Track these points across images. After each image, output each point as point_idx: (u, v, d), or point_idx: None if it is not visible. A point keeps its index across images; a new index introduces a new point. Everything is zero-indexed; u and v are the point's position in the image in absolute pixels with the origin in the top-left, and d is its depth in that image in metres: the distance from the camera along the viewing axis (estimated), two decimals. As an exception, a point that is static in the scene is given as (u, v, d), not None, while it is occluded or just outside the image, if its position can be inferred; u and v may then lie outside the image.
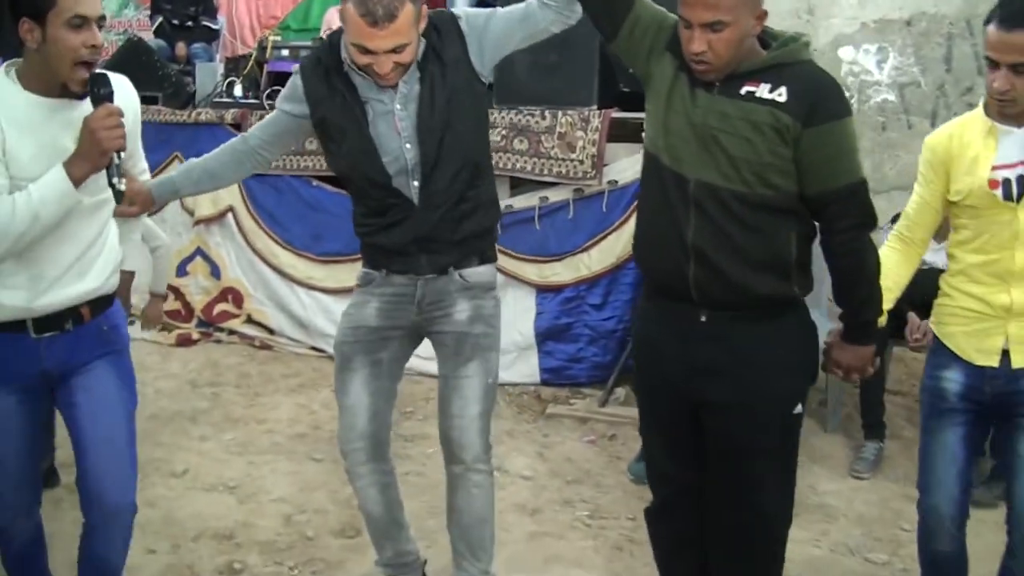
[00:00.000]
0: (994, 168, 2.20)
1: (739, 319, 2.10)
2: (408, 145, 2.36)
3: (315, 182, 5.03)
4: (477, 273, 2.49)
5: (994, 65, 2.13)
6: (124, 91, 2.18)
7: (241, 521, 3.27)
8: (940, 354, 2.37)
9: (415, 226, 2.42)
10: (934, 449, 2.39)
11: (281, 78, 4.95)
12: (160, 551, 3.04)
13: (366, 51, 2.23)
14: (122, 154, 2.06)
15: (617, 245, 4.41)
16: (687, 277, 2.08)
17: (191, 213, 5.31)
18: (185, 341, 5.20)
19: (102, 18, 2.06)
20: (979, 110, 2.28)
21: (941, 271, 3.84)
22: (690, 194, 2.04)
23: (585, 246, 4.49)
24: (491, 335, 2.52)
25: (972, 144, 2.24)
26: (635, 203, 4.34)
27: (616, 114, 4.46)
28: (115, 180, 2.06)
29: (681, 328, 2.14)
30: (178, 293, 5.33)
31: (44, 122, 2.08)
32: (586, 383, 4.48)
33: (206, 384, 4.67)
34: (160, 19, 7.38)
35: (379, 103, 2.37)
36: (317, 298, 5.03)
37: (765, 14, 2.02)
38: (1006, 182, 2.18)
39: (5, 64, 2.12)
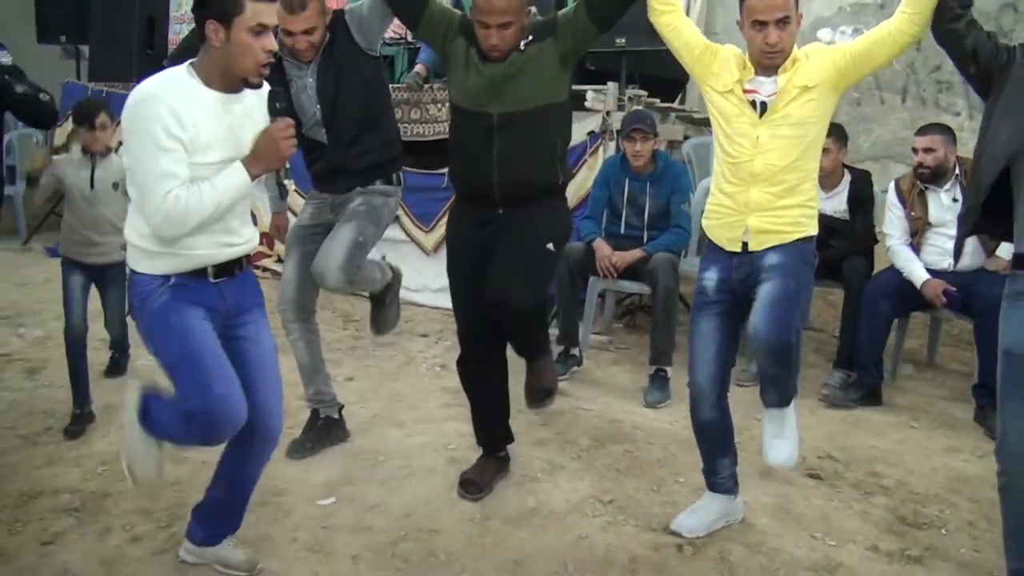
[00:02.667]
0: (745, 90, 2.70)
1: (525, 206, 2.94)
2: (318, 106, 3.29)
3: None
4: (376, 188, 3.40)
5: (762, 24, 2.62)
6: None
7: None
8: (705, 259, 2.94)
9: (328, 160, 3.37)
10: (697, 336, 2.86)
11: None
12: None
13: (289, 33, 3.16)
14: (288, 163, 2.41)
15: (568, 192, 5.17)
16: (491, 183, 2.93)
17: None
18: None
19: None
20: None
21: (828, 216, 4.63)
22: (494, 123, 2.88)
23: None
24: (371, 212, 3.34)
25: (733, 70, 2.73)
26: (582, 159, 5.23)
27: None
28: (284, 181, 2.53)
29: (484, 221, 2.98)
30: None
31: (222, 114, 2.30)
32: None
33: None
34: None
35: (299, 79, 3.29)
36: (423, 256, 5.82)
37: None
38: (752, 102, 2.71)
39: (186, 64, 2.31)
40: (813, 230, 2.77)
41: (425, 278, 5.70)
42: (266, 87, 2.39)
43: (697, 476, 3.06)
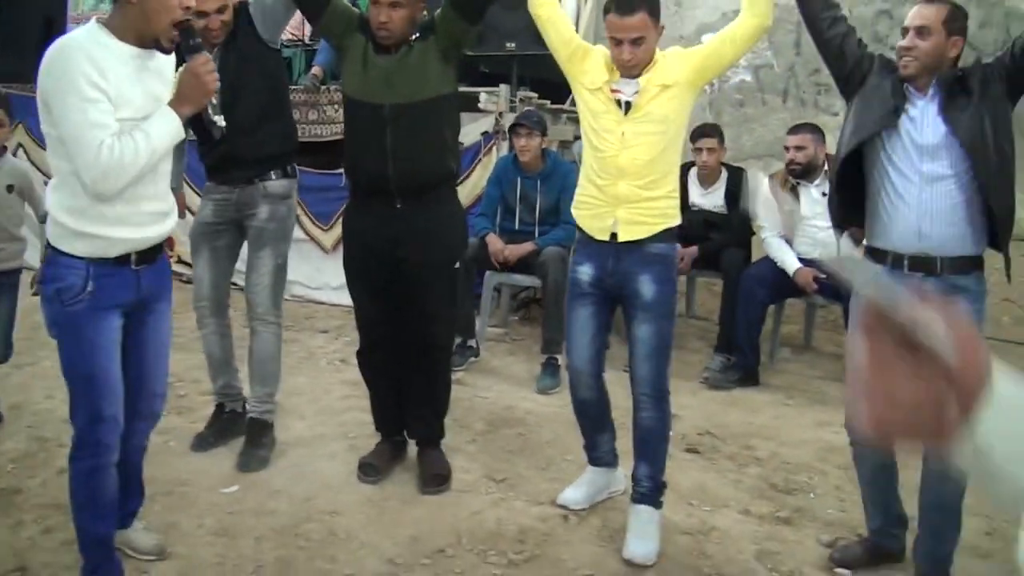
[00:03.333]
0: (612, 90, 2.86)
1: (419, 201, 3.09)
2: (217, 92, 3.38)
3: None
4: (275, 185, 3.47)
5: (618, 42, 2.81)
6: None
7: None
8: (578, 252, 3.09)
9: (224, 148, 3.33)
10: (573, 323, 3.02)
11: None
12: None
13: (201, 14, 3.19)
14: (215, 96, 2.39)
15: (462, 193, 5.35)
16: (387, 173, 3.06)
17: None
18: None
19: None
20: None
21: (707, 211, 4.90)
22: (386, 114, 3.03)
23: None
24: (280, 230, 3.47)
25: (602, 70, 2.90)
26: (477, 159, 5.40)
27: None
28: (216, 117, 2.47)
29: (382, 213, 3.12)
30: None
31: (139, 70, 2.27)
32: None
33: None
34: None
35: None
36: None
37: None
38: (618, 101, 2.88)
39: (96, 19, 2.27)
40: (677, 220, 2.97)
41: (325, 276, 5.79)
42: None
43: (583, 454, 3.25)
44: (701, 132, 4.94)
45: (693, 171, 5.02)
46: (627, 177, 2.87)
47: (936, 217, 2.59)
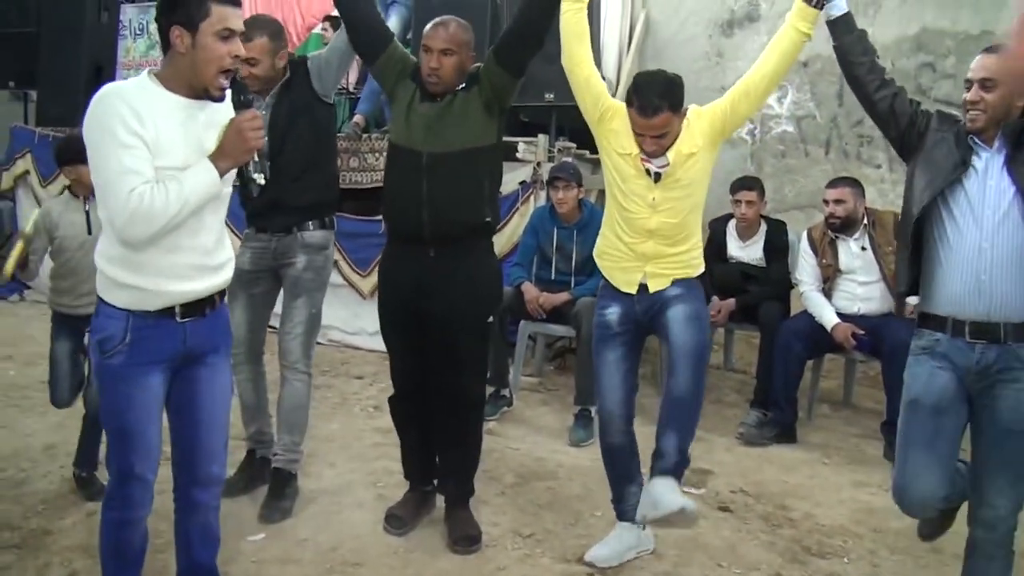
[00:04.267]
0: (642, 160, 2.91)
1: (452, 250, 3.09)
2: (266, 139, 3.41)
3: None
4: (312, 235, 3.50)
5: (641, 135, 2.85)
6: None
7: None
8: (603, 296, 3.12)
9: (267, 194, 3.26)
10: (603, 366, 3.04)
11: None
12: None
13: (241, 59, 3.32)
14: (260, 153, 2.37)
15: (499, 242, 5.38)
16: (422, 220, 3.07)
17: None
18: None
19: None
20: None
21: (745, 264, 4.87)
22: (423, 162, 3.05)
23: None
24: (316, 280, 3.50)
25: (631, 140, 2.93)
26: (514, 208, 5.43)
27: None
28: (255, 175, 2.43)
29: (416, 261, 3.11)
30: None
31: (187, 120, 2.26)
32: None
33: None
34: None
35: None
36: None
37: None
38: (647, 171, 2.91)
39: (148, 71, 2.29)
40: (701, 268, 3.04)
41: (362, 322, 5.83)
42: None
43: (611, 510, 3.20)
44: (741, 184, 4.92)
45: (732, 223, 5.00)
46: (656, 238, 2.94)
47: (998, 275, 2.48)
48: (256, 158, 2.40)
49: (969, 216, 2.53)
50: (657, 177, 2.90)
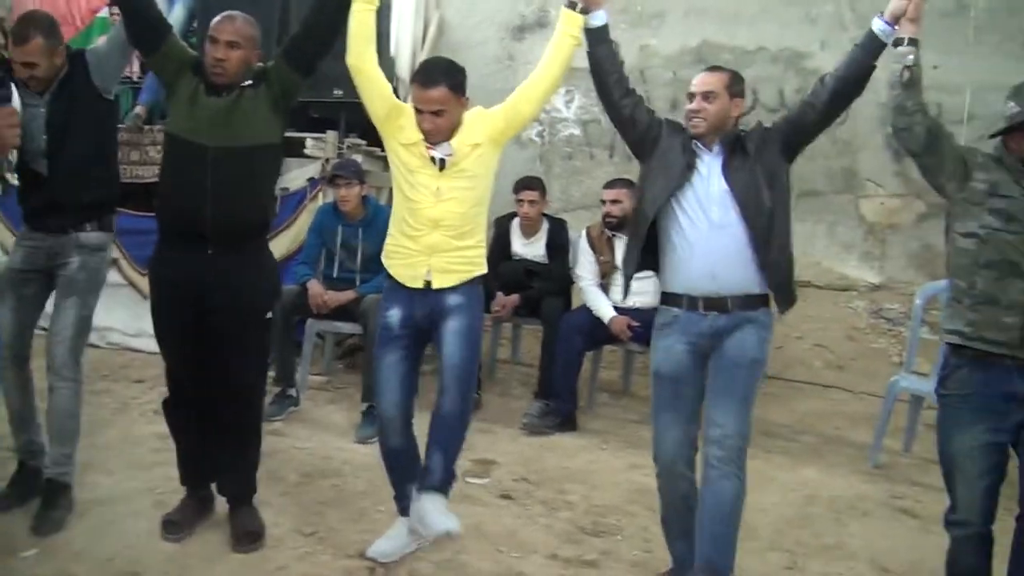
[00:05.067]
0: (426, 147, 2.96)
1: (232, 248, 3.05)
2: (44, 136, 3.23)
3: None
4: (89, 236, 3.34)
5: (420, 112, 2.92)
6: None
7: None
8: (386, 298, 3.15)
9: (45, 192, 3.27)
10: (382, 369, 3.07)
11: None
12: None
13: (19, 64, 3.16)
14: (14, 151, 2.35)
15: (286, 240, 5.33)
16: (204, 215, 2.99)
17: None
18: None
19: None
20: None
21: (529, 261, 5.02)
22: (208, 156, 2.99)
23: (262, 240, 5.40)
24: (90, 281, 3.34)
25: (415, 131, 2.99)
26: (302, 205, 5.38)
27: (287, 133, 5.41)
28: (7, 174, 2.34)
29: (193, 259, 3.05)
30: None
31: None
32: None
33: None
34: None
35: (32, 107, 3.23)
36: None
37: None
38: (432, 159, 2.97)
39: None
40: (484, 268, 3.12)
41: (143, 323, 5.54)
42: None
43: (394, 504, 3.25)
44: (523, 184, 5.09)
45: (515, 221, 5.16)
46: (441, 228, 3.00)
47: (725, 261, 2.81)
48: (11, 157, 2.25)
49: (699, 211, 2.84)
50: (442, 164, 2.97)
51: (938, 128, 2.79)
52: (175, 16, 5.79)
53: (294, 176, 5.43)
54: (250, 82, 3.06)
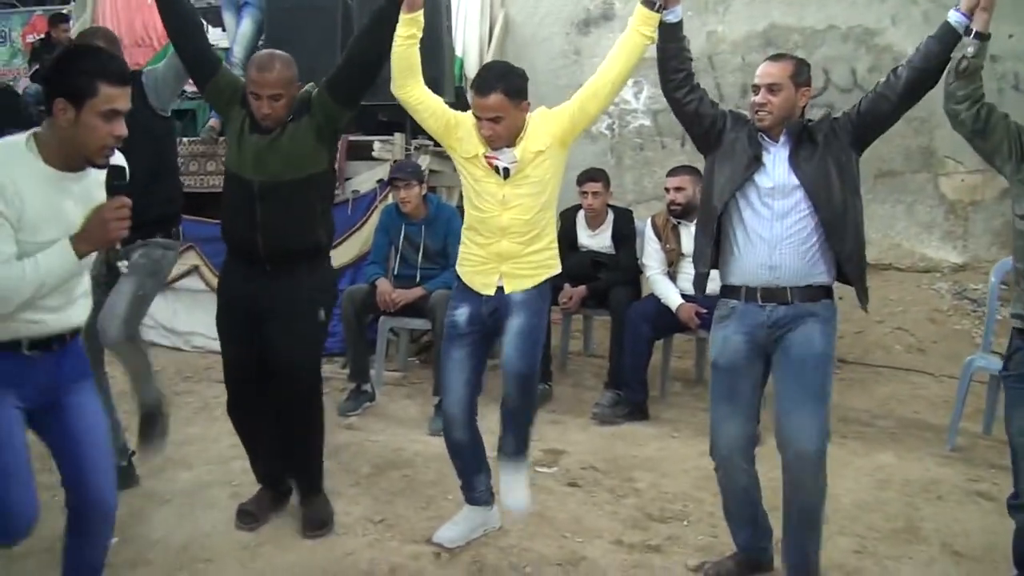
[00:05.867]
0: (487, 158, 3.02)
1: (287, 267, 3.18)
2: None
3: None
4: (156, 242, 3.53)
5: (479, 119, 2.96)
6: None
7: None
8: (455, 296, 3.22)
9: None
10: (448, 366, 3.14)
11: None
12: None
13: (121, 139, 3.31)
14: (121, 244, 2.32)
15: (358, 241, 5.47)
16: (257, 243, 3.14)
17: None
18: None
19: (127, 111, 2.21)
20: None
21: (595, 252, 5.05)
22: (255, 191, 3.12)
23: (336, 243, 5.53)
24: (149, 265, 3.50)
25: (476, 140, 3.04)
26: (373, 206, 5.50)
27: (353, 137, 5.56)
28: (119, 264, 2.38)
29: (251, 272, 3.20)
30: None
31: (56, 193, 2.20)
32: (338, 352, 5.48)
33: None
34: (37, 66, 8.40)
35: None
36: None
37: None
38: (496, 168, 3.02)
39: (27, 135, 2.22)
40: (557, 269, 3.18)
41: (225, 327, 5.79)
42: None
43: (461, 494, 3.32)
44: (587, 176, 5.10)
45: (580, 214, 5.18)
46: (509, 235, 3.04)
47: (786, 251, 2.79)
48: (118, 246, 2.31)
49: (759, 203, 2.82)
50: (506, 174, 3.00)
51: (989, 114, 2.74)
52: (243, 31, 5.99)
53: (364, 179, 5.57)
54: (291, 117, 3.13)
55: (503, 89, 2.90)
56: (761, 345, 2.86)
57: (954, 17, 2.70)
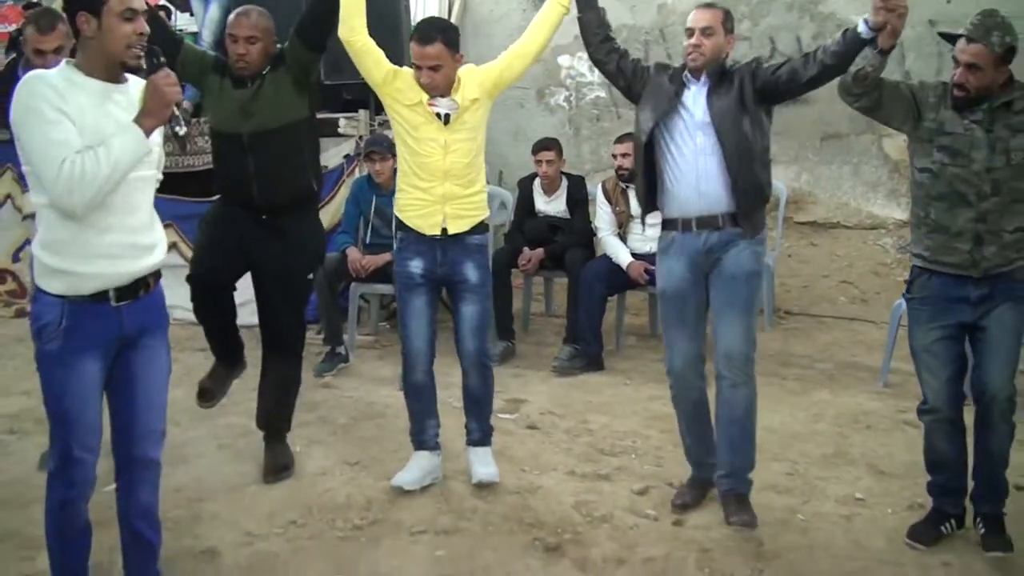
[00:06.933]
0: (430, 104, 3.29)
1: (284, 216, 3.49)
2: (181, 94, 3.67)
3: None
4: None
5: (418, 67, 3.24)
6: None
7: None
8: (404, 249, 3.41)
9: None
10: (408, 312, 3.44)
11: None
12: None
13: (39, 52, 3.45)
14: (179, 106, 2.37)
15: (327, 214, 5.73)
16: (252, 193, 3.44)
17: (20, 210, 6.53)
18: (22, 313, 6.43)
19: (145, 11, 2.35)
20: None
21: (551, 217, 5.37)
22: (244, 142, 3.42)
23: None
24: None
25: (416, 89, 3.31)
26: (340, 181, 5.79)
27: (320, 115, 5.82)
28: (177, 128, 2.38)
29: (245, 217, 3.50)
30: (13, 275, 6.66)
31: (106, 102, 2.34)
32: (312, 320, 5.74)
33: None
34: (14, 55, 8.57)
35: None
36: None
37: None
38: (438, 115, 3.30)
39: (65, 61, 2.38)
40: (487, 212, 3.52)
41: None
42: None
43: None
44: (540, 146, 5.42)
45: (536, 181, 5.50)
46: (451, 178, 3.35)
47: (710, 180, 3.12)
48: (176, 112, 2.40)
49: (686, 137, 3.15)
50: (447, 119, 3.30)
51: (881, 91, 2.97)
52: (211, 16, 6.22)
53: (331, 154, 5.84)
54: (269, 67, 3.45)
55: (443, 40, 3.22)
56: (701, 270, 3.19)
57: (862, 28, 2.89)
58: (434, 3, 7.60)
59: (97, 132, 2.28)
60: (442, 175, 3.35)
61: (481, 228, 3.46)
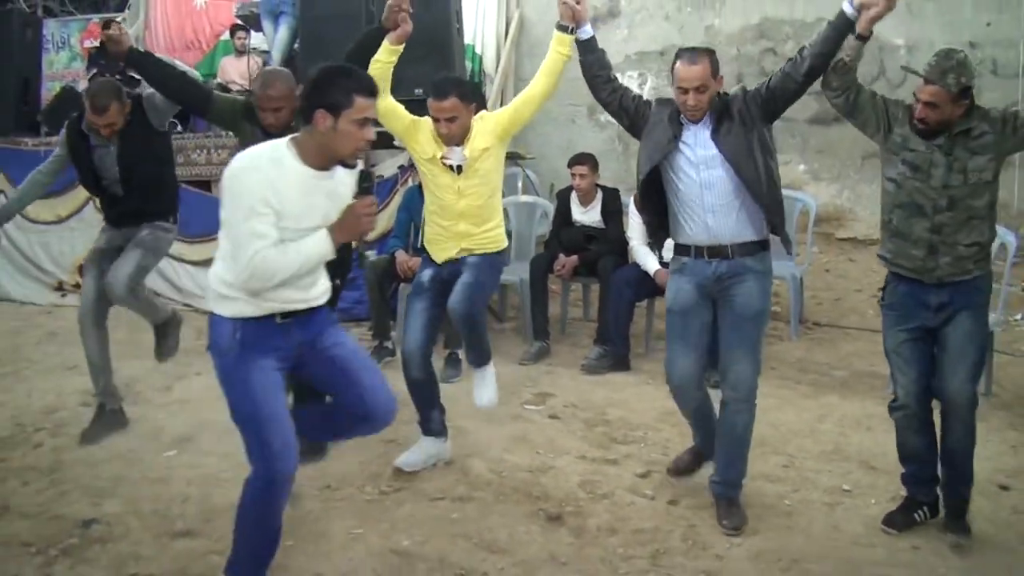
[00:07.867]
0: (442, 159, 3.72)
1: None
2: (117, 168, 4.20)
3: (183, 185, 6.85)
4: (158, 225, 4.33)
5: (436, 120, 3.61)
6: None
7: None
8: (422, 264, 3.94)
9: (123, 208, 4.30)
10: (410, 314, 3.83)
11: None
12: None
13: (95, 124, 4.09)
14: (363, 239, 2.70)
15: (382, 220, 6.21)
16: None
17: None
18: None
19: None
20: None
21: (587, 226, 5.76)
22: None
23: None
24: (154, 243, 4.26)
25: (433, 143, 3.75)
26: (394, 189, 6.27)
27: (377, 130, 6.28)
28: (366, 253, 2.88)
29: None
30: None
31: (311, 189, 2.57)
32: (364, 317, 6.18)
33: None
34: (95, 71, 9.28)
35: (102, 146, 4.19)
36: (186, 268, 6.82)
37: None
38: (450, 167, 3.73)
39: (286, 140, 2.58)
40: (505, 243, 3.90)
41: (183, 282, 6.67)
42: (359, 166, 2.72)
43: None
44: (576, 160, 5.81)
45: (573, 193, 5.90)
46: (466, 218, 3.77)
47: (718, 214, 3.31)
48: (366, 239, 2.89)
49: (689, 172, 3.31)
50: (459, 170, 3.71)
51: (858, 95, 3.22)
52: (280, 37, 6.77)
53: (387, 165, 6.34)
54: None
55: (457, 94, 3.63)
56: (708, 293, 3.40)
57: (847, 8, 3.06)
58: (492, 25, 8.10)
59: (298, 218, 2.56)
60: (457, 216, 3.77)
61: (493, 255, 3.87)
